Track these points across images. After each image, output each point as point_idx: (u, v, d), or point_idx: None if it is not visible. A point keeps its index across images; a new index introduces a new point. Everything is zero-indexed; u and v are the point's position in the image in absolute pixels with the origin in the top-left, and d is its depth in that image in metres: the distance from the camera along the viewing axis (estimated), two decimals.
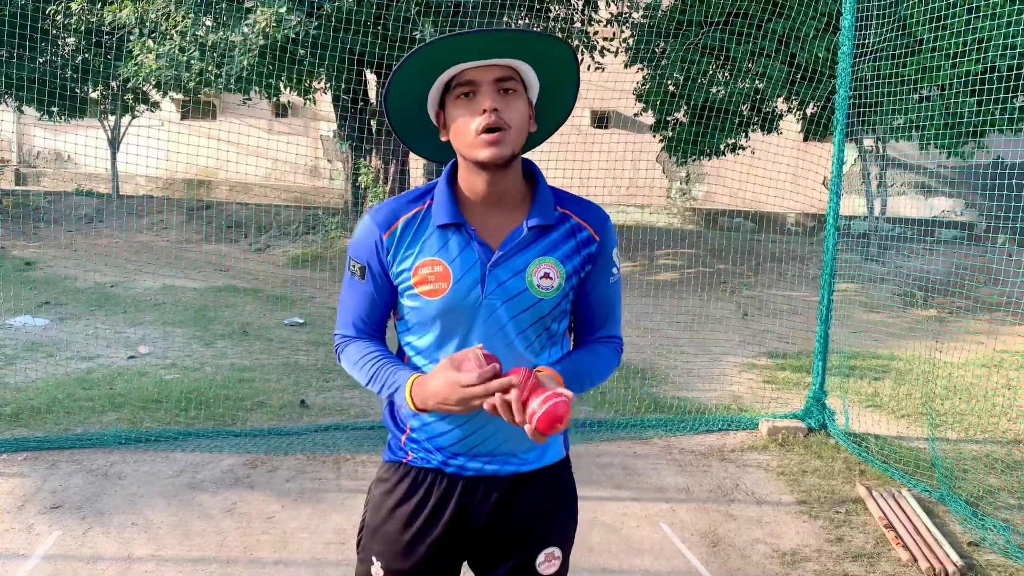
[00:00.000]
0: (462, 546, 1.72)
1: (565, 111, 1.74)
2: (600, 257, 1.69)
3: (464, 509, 1.69)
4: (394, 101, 1.64)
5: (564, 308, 1.68)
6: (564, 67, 1.63)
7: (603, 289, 1.72)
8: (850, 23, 5.00)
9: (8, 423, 4.91)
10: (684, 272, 12.30)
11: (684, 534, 3.80)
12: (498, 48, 1.54)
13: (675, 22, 10.86)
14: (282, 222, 14.69)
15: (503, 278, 1.60)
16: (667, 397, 5.95)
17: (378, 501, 1.75)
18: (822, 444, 4.95)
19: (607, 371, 1.74)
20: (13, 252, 12.35)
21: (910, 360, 7.11)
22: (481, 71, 1.55)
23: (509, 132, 1.55)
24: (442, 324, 1.63)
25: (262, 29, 8.99)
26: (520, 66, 1.59)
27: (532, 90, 1.65)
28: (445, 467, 1.69)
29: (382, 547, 1.71)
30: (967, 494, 4.18)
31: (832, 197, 5.11)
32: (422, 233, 1.63)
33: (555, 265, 1.63)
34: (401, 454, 1.74)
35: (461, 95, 1.57)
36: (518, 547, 1.72)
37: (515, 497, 1.70)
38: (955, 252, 11.68)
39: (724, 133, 11.62)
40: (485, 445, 1.66)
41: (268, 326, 8.09)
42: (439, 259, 1.61)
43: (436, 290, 1.60)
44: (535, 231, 1.63)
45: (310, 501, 3.99)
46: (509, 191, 1.64)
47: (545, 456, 1.74)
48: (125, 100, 15.88)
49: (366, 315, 1.72)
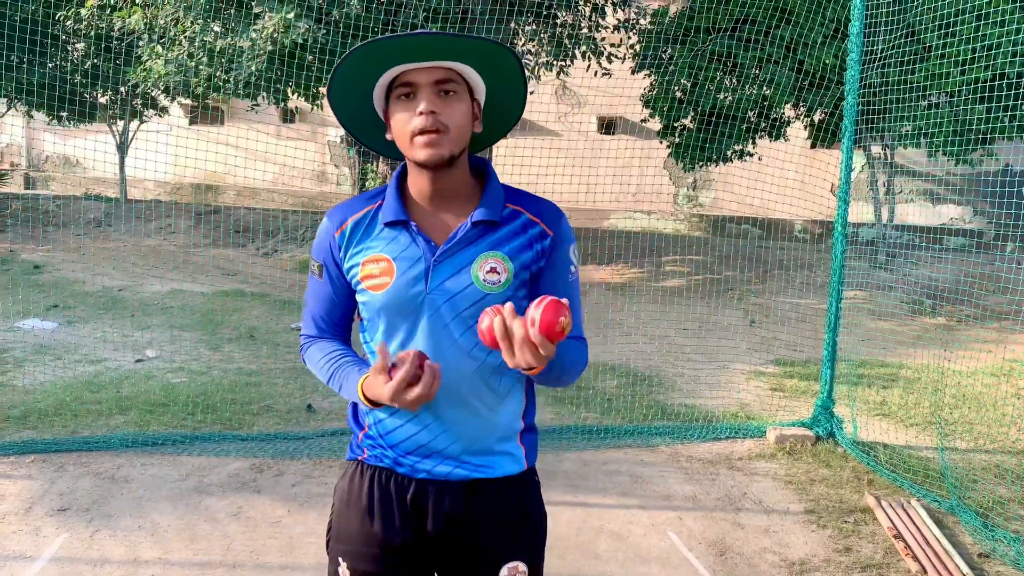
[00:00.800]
0: (425, 555, 1.69)
1: (515, 112, 1.73)
2: (555, 253, 1.67)
3: (418, 512, 1.67)
4: (338, 98, 1.66)
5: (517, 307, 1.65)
6: (508, 72, 1.64)
7: (561, 288, 1.68)
8: (858, 30, 4.99)
9: (16, 425, 4.92)
10: (691, 279, 12.28)
11: (691, 543, 3.78)
12: (438, 51, 1.55)
13: (682, 28, 10.86)
14: (289, 227, 14.72)
15: (447, 273, 1.60)
16: (674, 404, 5.93)
17: (338, 499, 1.76)
18: (830, 453, 4.92)
19: (578, 364, 1.67)
20: (22, 256, 12.40)
21: (919, 368, 7.07)
22: (421, 73, 1.56)
23: (447, 133, 1.56)
24: (387, 318, 1.64)
25: (270, 35, 9.02)
26: (463, 68, 1.60)
27: (478, 91, 1.66)
28: (397, 467, 1.68)
29: (345, 547, 1.71)
30: (977, 504, 4.15)
31: (840, 204, 5.09)
32: (371, 231, 1.66)
33: (502, 260, 1.62)
34: (358, 451, 1.74)
35: (402, 95, 1.59)
36: (478, 559, 1.69)
37: (469, 506, 1.67)
38: (963, 260, 11.63)
39: (731, 139, 11.60)
40: (435, 443, 1.64)
41: (275, 330, 8.10)
42: (384, 255, 1.63)
43: (380, 284, 1.62)
44: (481, 227, 1.62)
45: (316, 506, 3.99)
46: (455, 189, 1.65)
47: (501, 466, 1.69)
48: (134, 105, 15.94)
49: (326, 313, 1.76)
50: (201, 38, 9.66)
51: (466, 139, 1.61)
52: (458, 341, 1.61)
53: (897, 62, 6.45)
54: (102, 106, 15.68)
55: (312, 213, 15.59)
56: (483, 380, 1.64)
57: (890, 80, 6.65)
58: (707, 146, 11.63)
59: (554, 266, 1.67)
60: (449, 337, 1.61)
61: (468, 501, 1.67)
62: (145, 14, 10.23)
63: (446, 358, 1.60)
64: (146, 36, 10.43)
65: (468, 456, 1.66)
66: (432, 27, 9.52)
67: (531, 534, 1.74)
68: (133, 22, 10.25)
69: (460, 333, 1.61)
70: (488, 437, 1.67)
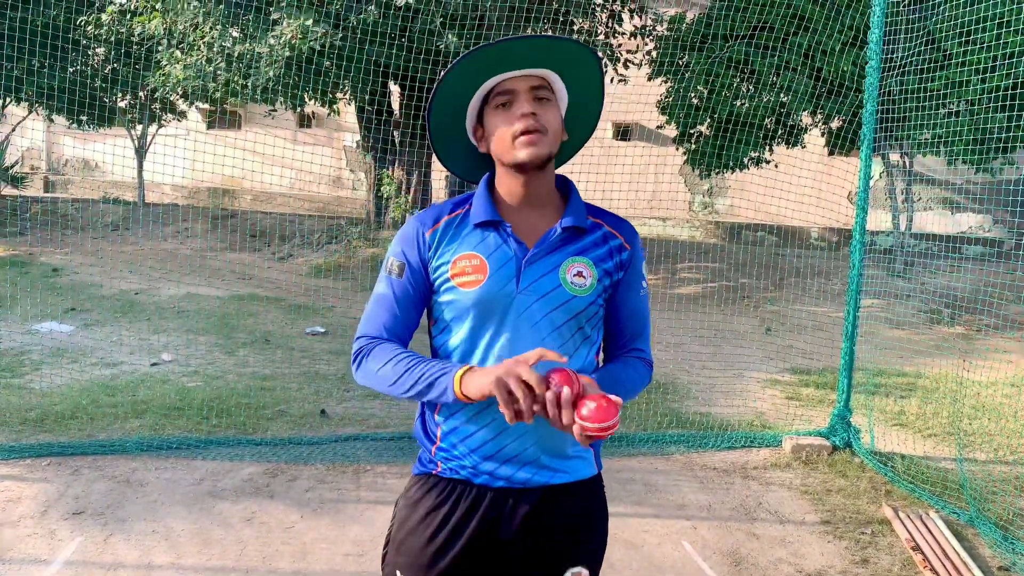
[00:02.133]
0: (488, 561, 1.69)
1: (591, 124, 1.82)
2: (631, 266, 1.74)
3: (491, 523, 1.68)
4: (438, 111, 1.71)
5: (598, 313, 1.70)
6: (591, 77, 1.72)
7: (634, 301, 1.76)
8: (878, 37, 4.95)
9: (33, 428, 4.95)
10: (706, 286, 12.22)
11: (706, 552, 3.74)
12: (532, 57, 1.63)
13: (699, 35, 10.84)
14: (305, 232, 14.78)
15: (537, 274, 1.64)
16: (689, 413, 5.90)
17: (404, 514, 1.73)
18: (847, 463, 4.87)
19: (640, 386, 1.74)
20: (40, 259, 12.52)
21: (937, 378, 6.99)
22: (518, 80, 1.65)
23: (546, 134, 1.63)
24: (476, 316, 1.64)
25: (288, 41, 9.08)
26: (552, 78, 1.68)
27: (562, 102, 1.73)
28: (474, 477, 1.68)
29: (406, 560, 1.70)
30: (997, 517, 4.09)
31: (859, 212, 5.05)
32: (462, 231, 1.69)
33: (588, 265, 1.67)
34: (431, 466, 1.73)
35: (500, 104, 1.66)
36: (544, 563, 1.70)
37: (544, 512, 1.69)
38: (982, 269, 11.51)
39: (748, 146, 11.56)
40: (515, 446, 1.66)
41: (290, 335, 8.12)
42: (477, 253, 1.66)
43: (473, 281, 1.64)
44: (569, 232, 1.68)
45: (329, 512, 3.99)
46: (544, 195, 1.71)
47: (577, 470, 1.73)
48: (152, 110, 16.10)
49: (398, 316, 1.70)
50: (220, 44, 9.73)
51: (558, 142, 1.68)
52: (544, 341, 1.63)
53: (917, 69, 6.40)
54: (121, 110, 15.84)
55: (328, 218, 15.66)
56: None
57: (909, 88, 6.60)
58: (723, 153, 11.59)
59: (630, 279, 1.74)
60: (536, 337, 1.63)
61: (544, 507, 1.69)
62: (165, 20, 10.32)
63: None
64: (165, 41, 10.53)
65: (546, 459, 1.68)
66: (450, 34, 9.54)
67: (596, 540, 1.77)
68: (153, 27, 10.36)
69: (547, 333, 1.64)
70: (563, 440, 1.69)
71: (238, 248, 14.37)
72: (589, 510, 1.75)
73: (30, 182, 19.39)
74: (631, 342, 1.78)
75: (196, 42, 10.11)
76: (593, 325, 1.70)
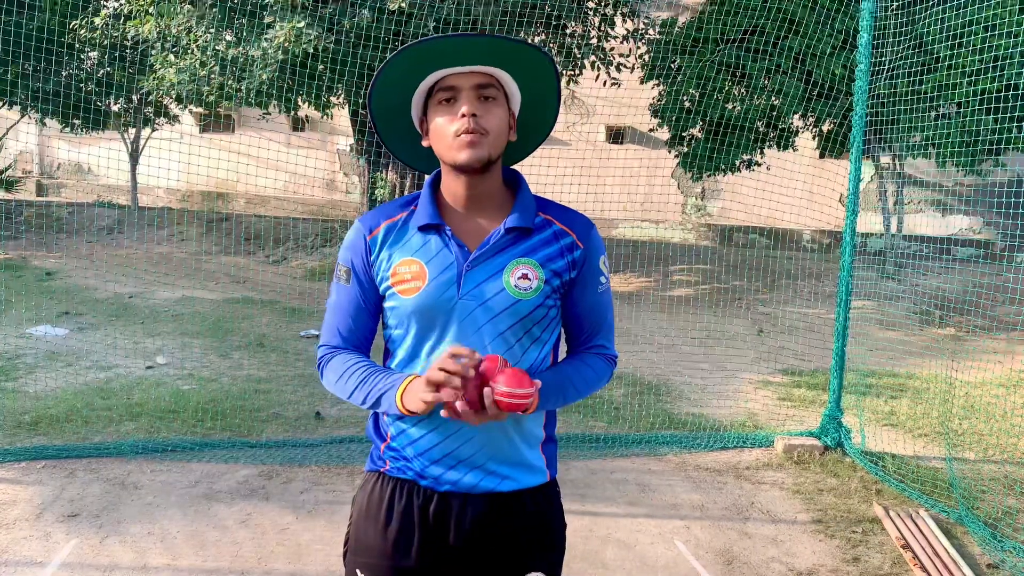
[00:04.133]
0: (442, 566, 1.68)
1: (548, 124, 1.76)
2: (586, 264, 1.69)
3: (440, 526, 1.66)
4: (378, 102, 1.68)
5: (547, 315, 1.66)
6: (544, 78, 1.67)
7: (591, 298, 1.71)
8: (867, 40, 5.01)
9: (27, 431, 4.96)
10: (699, 288, 12.27)
11: (699, 552, 3.78)
12: (479, 55, 1.58)
13: (691, 39, 10.89)
14: (299, 235, 14.79)
15: (480, 279, 1.61)
16: (682, 414, 5.93)
17: (357, 511, 1.74)
18: (838, 463, 4.91)
19: (596, 382, 1.71)
20: (34, 262, 12.49)
21: (927, 379, 7.04)
22: (462, 77, 1.59)
23: (486, 137, 1.58)
24: (418, 324, 1.63)
25: (281, 44, 9.09)
26: (501, 75, 1.63)
27: (514, 100, 1.68)
28: (420, 479, 1.67)
29: (364, 559, 1.70)
30: (986, 515, 4.13)
31: (849, 214, 5.10)
32: (404, 235, 1.66)
33: (533, 267, 1.63)
34: (380, 463, 1.73)
35: (443, 100, 1.61)
36: (498, 570, 1.69)
37: (493, 518, 1.66)
38: (972, 270, 11.59)
39: (739, 149, 11.61)
40: (461, 451, 1.63)
41: (284, 338, 8.13)
42: (416, 259, 1.63)
43: (412, 288, 1.62)
44: (514, 233, 1.64)
45: (324, 513, 4.01)
46: (489, 195, 1.67)
47: (526, 478, 1.70)
48: (145, 113, 16.07)
49: (352, 323, 1.71)
50: (213, 47, 9.74)
51: (503, 144, 1.64)
52: (488, 347, 1.60)
53: (906, 73, 6.46)
54: (114, 114, 15.81)
55: (322, 221, 15.66)
56: None
57: (899, 90, 6.66)
58: (715, 156, 11.64)
59: (585, 278, 1.70)
60: (480, 343, 1.60)
61: (492, 514, 1.66)
62: (158, 23, 10.32)
63: None
64: (158, 45, 10.52)
65: (494, 465, 1.66)
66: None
67: (552, 546, 1.74)
68: (146, 31, 10.35)
69: (491, 339, 1.61)
70: (512, 445, 1.67)
71: (232, 251, 14.36)
72: (541, 517, 1.72)
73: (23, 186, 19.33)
74: (591, 339, 1.75)
75: (189, 46, 10.11)
76: (544, 327, 1.66)
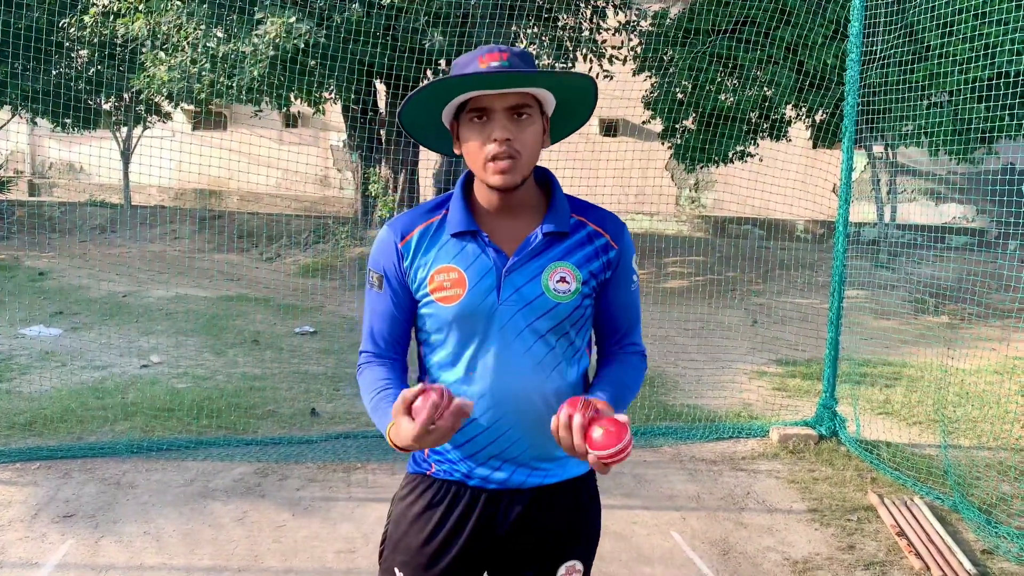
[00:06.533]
0: (484, 558, 1.72)
1: (578, 123, 1.76)
2: (620, 264, 1.70)
3: (487, 522, 1.69)
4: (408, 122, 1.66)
5: (584, 315, 1.67)
6: (582, 93, 1.66)
7: (625, 296, 1.73)
8: (858, 30, 5.00)
9: (22, 432, 4.94)
10: (693, 280, 12.29)
11: (695, 542, 3.79)
12: (514, 80, 1.54)
13: (683, 30, 10.88)
14: (292, 232, 14.76)
15: (519, 283, 1.61)
16: (677, 405, 5.94)
17: (400, 513, 1.74)
18: (833, 452, 4.93)
19: (641, 381, 1.75)
20: (27, 262, 12.45)
21: (922, 367, 7.06)
22: (495, 99, 1.55)
23: (519, 160, 1.56)
24: (459, 331, 1.62)
25: (272, 39, 9.06)
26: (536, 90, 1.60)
27: (548, 105, 1.65)
28: (468, 480, 1.68)
29: (404, 558, 1.71)
30: (980, 502, 4.15)
31: (842, 204, 5.10)
32: (437, 241, 1.64)
33: (571, 269, 1.63)
34: (425, 466, 1.73)
35: (474, 118, 1.57)
36: (539, 558, 1.72)
37: (538, 510, 1.70)
38: (966, 258, 11.62)
39: (733, 140, 11.61)
40: (509, 452, 1.66)
41: (279, 335, 8.12)
42: (454, 265, 1.62)
43: (452, 296, 1.60)
44: (550, 237, 1.64)
45: (320, 510, 4.01)
46: (523, 201, 1.66)
47: (568, 468, 1.73)
48: (137, 111, 16.00)
49: (387, 329, 1.71)
50: (203, 44, 9.70)
51: (536, 158, 1.61)
52: (531, 349, 1.61)
53: (897, 62, 6.46)
54: (106, 112, 15.75)
55: (315, 218, 15.64)
56: (553, 387, 1.65)
57: (890, 80, 6.65)
58: (708, 147, 11.64)
59: (619, 277, 1.71)
60: (522, 346, 1.61)
61: (537, 506, 1.69)
62: (148, 21, 10.27)
63: (518, 367, 1.61)
64: (149, 43, 10.48)
65: (539, 462, 1.68)
66: (434, 32, 9.53)
67: (590, 533, 1.78)
68: (136, 29, 10.30)
69: (532, 342, 1.62)
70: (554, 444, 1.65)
71: (226, 249, 14.33)
72: (582, 505, 1.76)
73: (14, 186, 19.25)
74: (625, 337, 1.77)
75: (180, 43, 10.07)
76: (579, 327, 1.68)
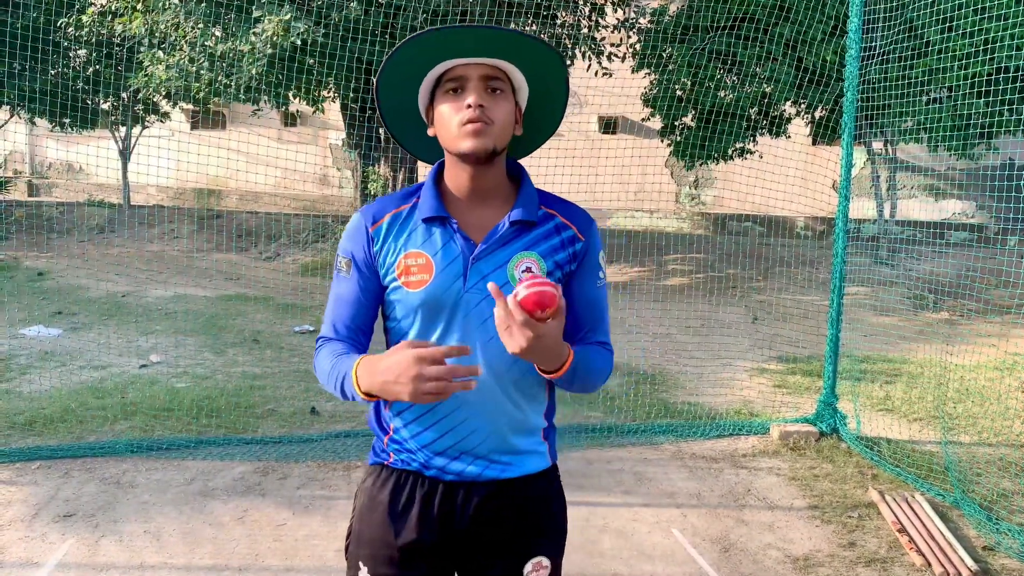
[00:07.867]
0: (448, 554, 1.70)
1: (556, 120, 1.77)
2: (586, 257, 1.70)
3: (446, 515, 1.68)
4: (385, 92, 1.68)
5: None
6: (553, 72, 1.67)
7: (590, 292, 1.71)
8: (857, 26, 4.99)
9: (22, 432, 4.94)
10: (694, 277, 12.28)
11: (695, 539, 3.78)
12: (488, 47, 1.59)
13: (682, 27, 10.86)
14: (292, 230, 14.75)
15: (485, 271, 1.62)
16: (677, 402, 5.94)
17: (363, 504, 1.74)
18: (834, 448, 4.92)
19: (606, 372, 1.71)
20: (26, 263, 12.44)
21: (922, 363, 7.06)
22: (470, 68, 1.60)
23: (492, 127, 1.58)
24: (424, 316, 1.63)
25: (270, 38, 9.04)
26: (509, 69, 1.63)
27: (521, 94, 1.69)
28: (425, 470, 1.68)
29: (368, 552, 1.70)
30: (981, 498, 4.15)
31: (841, 200, 5.10)
32: (407, 226, 1.66)
33: (536, 260, 1.64)
34: (383, 456, 1.73)
35: (450, 90, 1.61)
36: (504, 554, 1.70)
37: (497, 504, 1.68)
38: (966, 255, 11.61)
39: (732, 137, 11.60)
40: (466, 442, 1.65)
41: (279, 334, 8.12)
42: (422, 251, 1.63)
43: (419, 281, 1.62)
44: (518, 226, 1.65)
45: (320, 509, 4.00)
46: (493, 187, 1.67)
47: (527, 464, 1.71)
48: (135, 111, 15.99)
49: (348, 315, 1.70)
50: (201, 43, 9.68)
51: (508, 137, 1.63)
52: (494, 338, 1.59)
53: (896, 57, 6.45)
54: (104, 112, 15.72)
55: (315, 217, 15.63)
56: (514, 378, 1.65)
57: (890, 76, 6.64)
58: (708, 144, 11.63)
59: (584, 271, 1.70)
60: (486, 334, 1.61)
61: (496, 499, 1.68)
62: (146, 20, 10.26)
63: (480, 356, 1.62)
64: (147, 42, 10.46)
65: (497, 455, 1.67)
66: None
67: (555, 530, 1.76)
68: (134, 28, 10.29)
69: (496, 332, 1.59)
70: (516, 434, 1.68)
71: (225, 248, 14.32)
72: (543, 501, 1.74)
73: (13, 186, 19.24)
74: (590, 334, 1.73)
75: (178, 42, 10.06)
76: None
